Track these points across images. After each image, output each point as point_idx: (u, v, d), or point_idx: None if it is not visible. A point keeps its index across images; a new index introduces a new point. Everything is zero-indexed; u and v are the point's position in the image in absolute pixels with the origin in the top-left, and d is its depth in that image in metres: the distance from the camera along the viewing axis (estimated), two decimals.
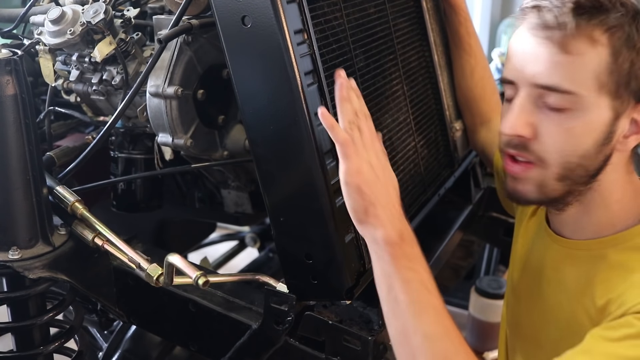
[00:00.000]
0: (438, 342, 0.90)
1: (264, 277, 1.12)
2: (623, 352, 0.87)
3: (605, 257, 1.04)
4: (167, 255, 1.03)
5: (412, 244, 0.94)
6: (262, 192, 1.04)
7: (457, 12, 1.46)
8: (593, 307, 1.02)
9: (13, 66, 1.04)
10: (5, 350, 1.17)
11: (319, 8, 1.03)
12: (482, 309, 2.04)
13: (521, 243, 1.28)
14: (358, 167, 0.91)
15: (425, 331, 0.90)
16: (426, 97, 1.39)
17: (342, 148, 0.91)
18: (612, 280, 1.00)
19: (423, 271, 0.93)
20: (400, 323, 0.92)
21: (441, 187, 1.40)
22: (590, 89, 0.97)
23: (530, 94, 1.00)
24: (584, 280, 1.06)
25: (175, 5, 1.16)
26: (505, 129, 1.02)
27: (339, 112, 0.94)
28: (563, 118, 0.98)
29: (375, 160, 0.94)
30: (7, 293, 1.12)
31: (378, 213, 0.92)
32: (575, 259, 1.09)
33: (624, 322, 0.91)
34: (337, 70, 0.95)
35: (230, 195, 1.54)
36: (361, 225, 0.93)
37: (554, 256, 1.13)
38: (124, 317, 1.25)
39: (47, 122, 1.36)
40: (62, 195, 1.13)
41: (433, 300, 0.92)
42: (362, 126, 0.95)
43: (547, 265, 1.15)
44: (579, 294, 1.06)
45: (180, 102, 1.20)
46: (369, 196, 0.91)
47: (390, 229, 0.92)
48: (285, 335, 1.08)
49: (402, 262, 0.91)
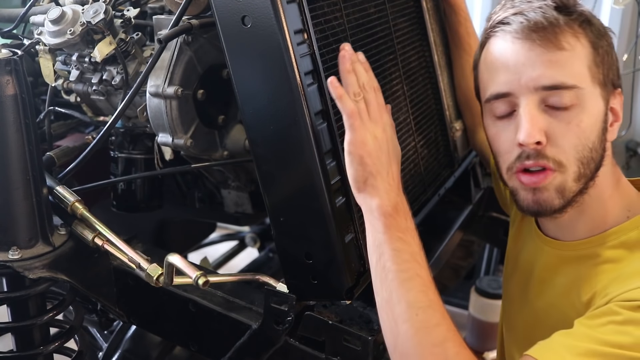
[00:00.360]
0: (420, 312, 0.90)
1: (264, 277, 1.12)
2: (606, 337, 0.88)
3: (594, 256, 1.05)
4: (167, 255, 1.03)
5: (406, 217, 0.96)
6: (262, 192, 1.04)
7: (457, 12, 1.46)
8: (579, 303, 1.03)
9: (13, 66, 1.04)
10: (5, 350, 1.17)
11: (319, 8, 1.03)
12: (482, 309, 2.04)
13: (513, 244, 1.29)
14: (363, 139, 0.93)
15: (409, 300, 0.91)
16: (426, 97, 1.39)
17: (348, 119, 0.94)
18: (598, 276, 1.02)
19: (414, 244, 0.95)
20: (386, 291, 0.93)
21: (441, 187, 1.40)
22: (587, 80, 1.00)
23: (534, 100, 1.00)
24: (572, 279, 1.07)
25: (175, 5, 1.16)
26: (523, 139, 1.00)
27: (344, 84, 0.95)
28: (571, 115, 1.00)
29: (381, 133, 0.96)
30: (7, 293, 1.12)
31: (377, 184, 0.94)
32: (565, 260, 1.10)
33: (607, 309, 0.92)
34: (343, 44, 0.96)
35: (230, 195, 1.54)
36: (359, 193, 0.96)
37: (545, 258, 1.14)
38: (124, 317, 1.25)
39: (47, 122, 1.36)
40: (62, 195, 1.13)
41: (421, 272, 0.93)
42: (370, 98, 0.97)
43: (538, 267, 1.16)
44: (568, 293, 1.07)
45: (180, 102, 1.20)
46: (370, 167, 0.94)
47: (387, 200, 0.94)
48: (285, 335, 1.08)
49: (394, 233, 0.93)
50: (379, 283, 0.94)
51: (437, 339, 0.89)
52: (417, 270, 0.93)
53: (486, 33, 1.09)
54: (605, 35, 1.05)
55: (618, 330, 0.88)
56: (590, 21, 1.04)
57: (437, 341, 0.89)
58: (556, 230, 1.12)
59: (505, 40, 1.03)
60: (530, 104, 1.00)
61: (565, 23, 1.00)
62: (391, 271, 0.92)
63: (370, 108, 0.96)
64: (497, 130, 1.07)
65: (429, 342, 0.89)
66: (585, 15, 1.04)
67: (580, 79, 1.00)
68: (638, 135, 2.63)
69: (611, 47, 1.06)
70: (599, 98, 1.02)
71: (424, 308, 0.90)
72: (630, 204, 1.07)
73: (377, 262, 0.95)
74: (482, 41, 1.11)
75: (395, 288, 0.92)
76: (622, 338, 0.87)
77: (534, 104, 1.00)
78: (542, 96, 1.00)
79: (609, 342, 0.88)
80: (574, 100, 0.99)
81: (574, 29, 1.01)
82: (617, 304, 0.92)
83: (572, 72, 1.00)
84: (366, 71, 0.98)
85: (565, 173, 1.01)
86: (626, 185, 1.10)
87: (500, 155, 1.07)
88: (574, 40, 1.00)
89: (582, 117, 1.00)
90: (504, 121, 1.05)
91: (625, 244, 1.02)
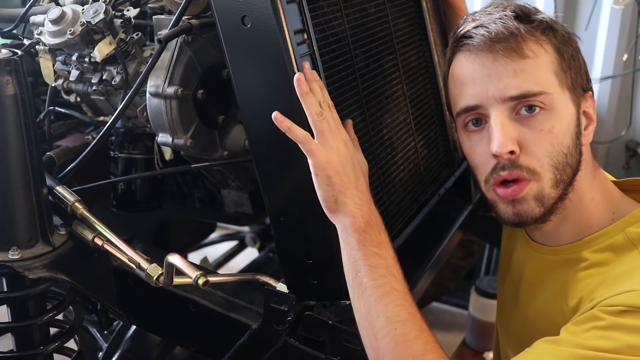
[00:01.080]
0: (400, 325, 0.90)
1: (264, 277, 1.12)
2: (588, 343, 0.88)
3: (580, 260, 1.05)
4: (167, 255, 1.03)
5: (380, 230, 0.96)
6: (262, 192, 1.04)
7: (457, 12, 1.46)
8: (567, 308, 1.03)
9: (13, 66, 1.04)
10: (5, 350, 1.17)
11: (319, 8, 1.03)
12: (482, 309, 2.04)
13: (505, 247, 1.29)
14: (327, 158, 0.93)
15: (388, 314, 0.91)
16: (426, 97, 1.39)
17: (303, 146, 0.94)
18: (585, 280, 1.02)
19: (389, 257, 0.95)
20: (364, 307, 0.93)
21: (441, 187, 1.40)
22: (554, 86, 1.01)
23: (503, 110, 1.01)
24: (559, 284, 1.07)
25: (175, 5, 1.16)
26: (496, 150, 1.00)
27: (305, 106, 0.94)
28: (543, 121, 1.00)
29: (344, 148, 0.96)
30: (7, 293, 1.12)
31: (347, 201, 0.94)
32: (553, 265, 1.10)
33: (591, 315, 0.92)
34: (303, 62, 0.96)
35: (230, 195, 1.54)
36: (332, 214, 0.96)
37: (534, 263, 1.15)
38: (124, 317, 1.25)
39: (47, 122, 1.36)
40: (62, 195, 1.13)
41: (398, 286, 0.93)
42: (327, 116, 0.96)
43: (528, 272, 1.16)
44: (556, 298, 1.07)
45: (180, 102, 1.20)
46: (338, 185, 0.94)
47: (359, 216, 0.94)
48: (285, 335, 1.08)
49: (368, 248, 0.93)
50: (356, 299, 0.95)
51: (417, 351, 0.90)
52: (394, 284, 0.93)
53: (452, 48, 1.09)
54: (570, 40, 1.05)
55: (601, 335, 0.89)
56: (552, 27, 1.04)
57: (418, 354, 0.89)
58: (542, 236, 1.12)
59: (470, 54, 1.04)
60: (500, 115, 1.01)
61: (526, 31, 1.01)
62: (368, 287, 0.93)
63: (330, 125, 0.96)
64: (471, 144, 1.07)
65: (410, 355, 0.89)
66: (547, 22, 1.04)
67: (547, 85, 1.00)
68: (638, 135, 2.63)
69: (577, 51, 1.06)
70: (569, 102, 1.02)
71: (402, 322, 0.91)
72: (614, 206, 1.06)
73: (353, 279, 0.95)
74: (448, 57, 1.11)
75: (373, 303, 0.92)
76: (605, 343, 0.87)
77: (504, 114, 1.01)
78: (510, 106, 1.00)
79: (591, 347, 0.88)
80: (543, 106, 1.00)
81: (536, 37, 1.02)
82: (600, 309, 0.92)
83: (538, 79, 1.00)
84: (321, 89, 0.97)
85: (540, 181, 1.01)
86: (609, 187, 1.09)
87: (477, 169, 1.07)
88: (537, 48, 1.01)
89: (553, 123, 1.00)
90: (476, 134, 1.05)
91: (611, 247, 1.02)
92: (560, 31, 1.05)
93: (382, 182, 1.16)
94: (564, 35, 1.05)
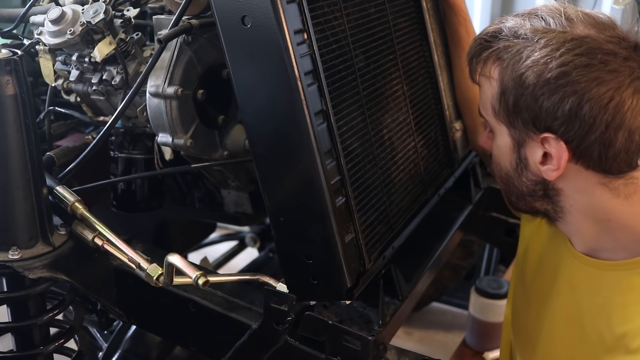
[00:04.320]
0: None
1: (264, 277, 1.12)
2: None
3: (624, 279, 1.02)
4: (167, 255, 1.03)
5: None
6: (262, 192, 1.04)
7: (457, 12, 1.46)
8: (609, 333, 1.00)
9: (13, 66, 1.04)
10: (5, 350, 1.17)
11: (319, 8, 1.03)
12: (482, 309, 2.04)
13: (533, 246, 1.26)
14: None
15: None
16: (426, 97, 1.39)
17: None
18: (629, 307, 0.99)
19: None
20: None
21: (441, 187, 1.40)
22: (490, 115, 1.05)
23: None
24: (599, 301, 1.04)
25: (175, 5, 1.16)
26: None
27: None
28: (491, 138, 1.09)
29: None
30: (7, 293, 1.12)
31: None
32: (593, 277, 1.06)
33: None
34: None
35: (230, 195, 1.54)
36: None
37: (570, 270, 1.11)
38: (124, 317, 1.25)
39: (47, 122, 1.36)
40: (62, 195, 1.13)
41: None
42: None
43: (562, 278, 1.13)
44: (593, 314, 1.04)
45: (180, 102, 1.20)
46: None
47: None
48: (285, 335, 1.08)
49: None
50: None
51: None
52: None
53: None
54: (528, 84, 0.96)
55: None
56: (510, 61, 0.98)
57: None
58: (582, 244, 1.08)
59: None
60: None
61: (478, 63, 1.05)
62: None
63: None
64: None
65: None
66: (509, 53, 0.99)
67: (486, 112, 1.06)
68: None
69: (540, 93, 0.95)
70: (505, 134, 1.03)
71: None
72: None
73: None
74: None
75: None
76: None
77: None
78: None
79: None
80: (488, 126, 1.09)
81: (486, 69, 1.03)
82: None
83: (482, 103, 1.08)
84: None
85: (498, 183, 1.12)
86: None
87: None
88: (484, 79, 1.05)
89: (492, 145, 1.09)
90: None
91: None
92: (513, 66, 0.97)
93: (382, 182, 1.16)
94: (516, 71, 0.96)
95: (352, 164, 1.07)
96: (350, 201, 1.03)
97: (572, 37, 0.94)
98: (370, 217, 1.11)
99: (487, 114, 1.05)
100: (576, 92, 0.92)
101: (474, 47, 1.05)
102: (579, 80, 0.92)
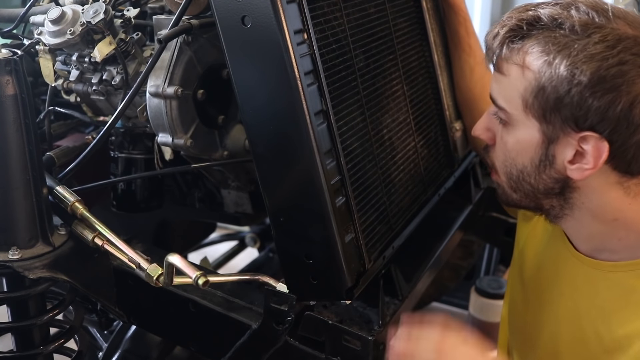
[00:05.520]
0: None
1: (264, 277, 1.12)
2: None
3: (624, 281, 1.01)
4: (167, 255, 1.03)
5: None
6: (262, 192, 1.04)
7: (457, 12, 1.46)
8: (608, 334, 1.00)
9: (13, 66, 1.04)
10: (5, 350, 1.17)
11: (319, 8, 1.03)
12: (482, 309, 2.04)
13: (530, 246, 1.26)
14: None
15: None
16: (426, 97, 1.39)
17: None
18: (629, 309, 0.99)
19: None
20: None
21: (441, 187, 1.40)
22: (517, 108, 0.98)
23: (492, 107, 1.06)
24: (599, 302, 1.04)
25: (175, 5, 1.16)
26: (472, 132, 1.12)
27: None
28: (504, 131, 1.04)
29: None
30: (7, 293, 1.12)
31: None
32: (593, 278, 1.06)
33: None
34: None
35: (230, 195, 1.54)
36: None
37: (571, 271, 1.11)
38: (124, 317, 1.25)
39: (47, 122, 1.36)
40: (62, 195, 1.13)
41: None
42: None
43: (563, 278, 1.13)
44: (592, 315, 1.04)
45: (180, 102, 1.20)
46: None
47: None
48: (285, 335, 1.08)
49: None
50: None
51: None
52: None
53: None
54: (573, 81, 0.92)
55: None
56: (553, 54, 0.93)
57: None
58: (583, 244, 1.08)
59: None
60: (490, 107, 1.08)
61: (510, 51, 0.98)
62: None
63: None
64: None
65: None
66: (550, 46, 0.94)
67: (510, 104, 0.99)
68: None
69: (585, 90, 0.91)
70: (533, 129, 0.98)
71: None
72: None
73: None
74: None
75: None
76: None
77: (492, 109, 1.07)
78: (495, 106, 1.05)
79: None
80: (505, 119, 1.02)
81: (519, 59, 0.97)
82: None
83: (504, 94, 1.00)
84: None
85: (500, 178, 1.08)
86: None
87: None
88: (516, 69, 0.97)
89: (508, 138, 1.03)
90: None
91: None
92: (555, 61, 0.92)
93: (382, 182, 1.16)
94: (556, 67, 0.92)
95: (352, 164, 1.07)
96: (350, 201, 1.03)
97: (627, 36, 0.90)
98: (370, 217, 1.11)
99: (511, 105, 0.99)
100: (630, 92, 0.88)
101: (506, 32, 0.98)
102: (634, 81, 0.89)
